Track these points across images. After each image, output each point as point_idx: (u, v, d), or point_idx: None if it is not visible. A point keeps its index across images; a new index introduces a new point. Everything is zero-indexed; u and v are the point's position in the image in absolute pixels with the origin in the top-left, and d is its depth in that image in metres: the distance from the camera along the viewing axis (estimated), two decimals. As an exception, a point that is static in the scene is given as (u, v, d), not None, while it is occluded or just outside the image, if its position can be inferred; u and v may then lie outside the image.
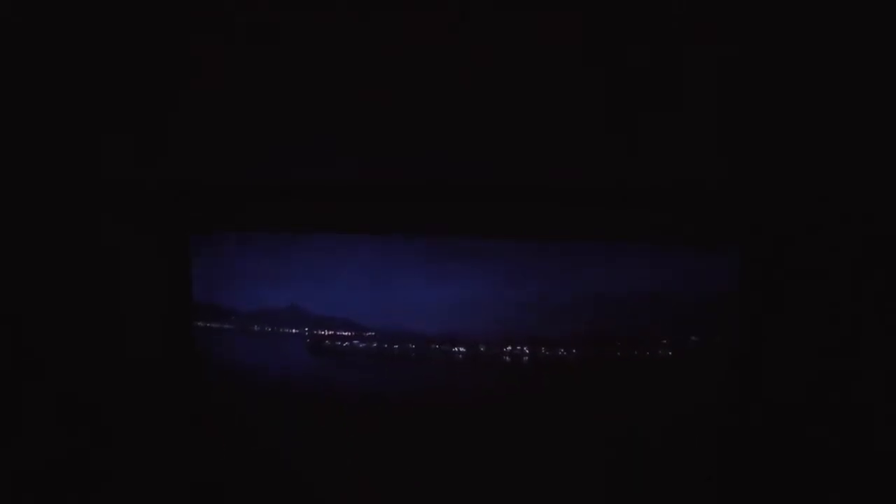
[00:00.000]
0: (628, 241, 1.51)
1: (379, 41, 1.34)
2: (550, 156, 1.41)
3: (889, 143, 1.32)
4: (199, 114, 1.45)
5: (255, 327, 1.68)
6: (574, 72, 1.34)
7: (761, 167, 1.38)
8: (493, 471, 1.59)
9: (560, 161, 1.41)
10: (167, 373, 1.62)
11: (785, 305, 1.42)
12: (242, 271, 1.66)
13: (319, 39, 1.36)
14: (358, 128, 1.43)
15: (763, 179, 1.39)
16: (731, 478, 1.49)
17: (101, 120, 1.48)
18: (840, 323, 1.39)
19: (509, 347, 1.60)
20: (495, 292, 1.57)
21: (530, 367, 1.59)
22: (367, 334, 1.65)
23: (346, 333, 1.67)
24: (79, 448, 1.59)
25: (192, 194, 1.56)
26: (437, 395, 1.63)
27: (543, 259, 1.56)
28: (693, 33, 1.29)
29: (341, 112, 1.42)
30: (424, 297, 1.59)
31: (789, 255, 1.41)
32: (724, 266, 1.48)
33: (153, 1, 1.37)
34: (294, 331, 1.68)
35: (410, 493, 1.62)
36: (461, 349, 1.61)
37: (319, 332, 1.68)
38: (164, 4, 1.37)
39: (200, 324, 1.68)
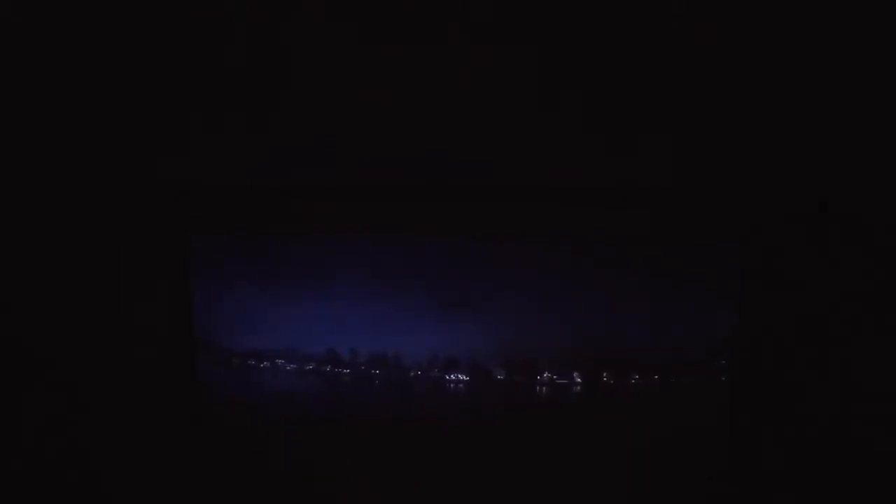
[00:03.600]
0: (628, 241, 1.51)
1: (379, 41, 1.35)
2: (550, 156, 1.41)
3: (888, 143, 1.32)
4: (198, 113, 1.45)
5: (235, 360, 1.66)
6: (574, 72, 1.34)
7: (761, 167, 1.38)
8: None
9: (560, 161, 1.41)
10: (166, 373, 1.62)
11: (785, 305, 1.42)
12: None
13: (319, 39, 1.36)
14: (358, 128, 1.43)
15: (763, 179, 1.39)
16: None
17: (100, 120, 1.48)
18: (841, 322, 1.39)
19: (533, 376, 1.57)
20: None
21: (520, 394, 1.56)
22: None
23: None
24: (79, 447, 1.59)
25: (192, 194, 1.56)
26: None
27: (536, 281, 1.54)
28: (693, 33, 1.29)
29: (341, 112, 1.42)
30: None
31: (789, 254, 1.41)
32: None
33: (153, 1, 1.37)
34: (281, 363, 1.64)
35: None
36: (457, 376, 1.57)
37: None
38: (163, 4, 1.37)
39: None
